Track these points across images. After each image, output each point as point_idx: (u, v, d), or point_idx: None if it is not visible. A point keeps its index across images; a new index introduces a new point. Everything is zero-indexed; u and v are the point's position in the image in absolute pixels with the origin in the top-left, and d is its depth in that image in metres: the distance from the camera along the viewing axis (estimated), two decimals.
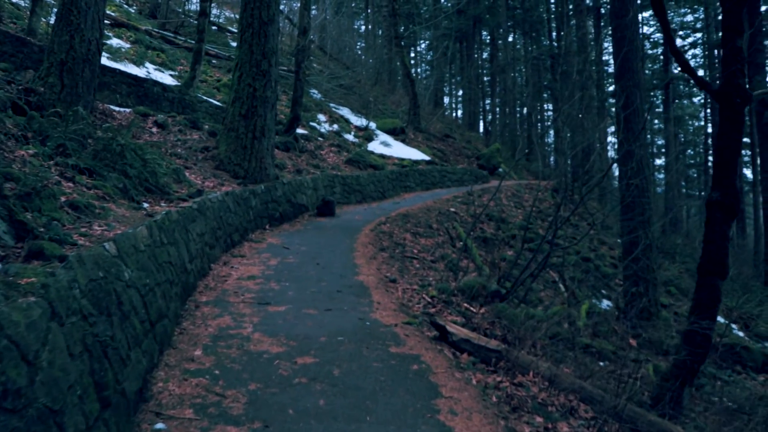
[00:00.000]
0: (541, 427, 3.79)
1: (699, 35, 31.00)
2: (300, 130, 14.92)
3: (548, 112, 41.25)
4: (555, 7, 36.21)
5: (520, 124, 37.79)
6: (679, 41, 30.26)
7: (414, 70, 39.64)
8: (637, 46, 9.90)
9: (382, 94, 27.59)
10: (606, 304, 11.49)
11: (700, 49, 31.78)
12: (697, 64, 31.09)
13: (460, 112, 44.67)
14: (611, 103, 28.77)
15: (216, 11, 23.80)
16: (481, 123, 40.55)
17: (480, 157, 24.47)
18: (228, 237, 7.54)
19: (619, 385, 4.69)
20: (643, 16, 29.97)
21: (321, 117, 18.33)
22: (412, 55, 45.04)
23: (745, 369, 9.32)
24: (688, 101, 35.16)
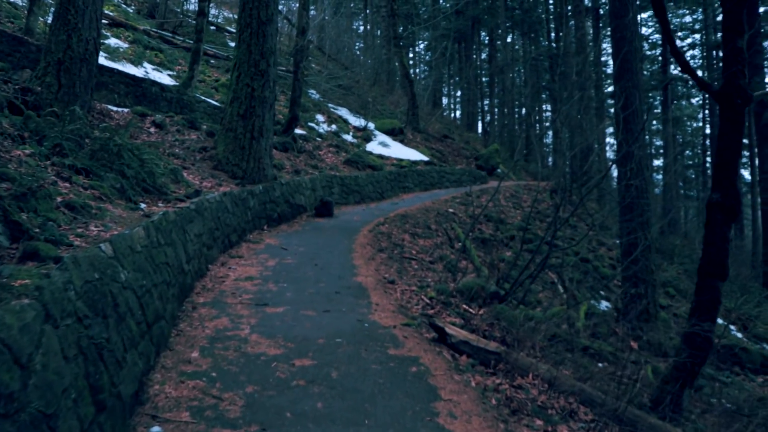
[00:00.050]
0: (541, 430, 3.77)
1: (697, 36, 31.06)
2: (298, 131, 14.88)
3: (547, 113, 41.31)
4: (554, 8, 36.26)
5: (518, 125, 37.80)
6: (678, 42, 30.28)
7: (412, 71, 39.69)
8: (636, 46, 9.89)
9: (380, 94, 27.56)
10: (605, 305, 11.47)
11: (699, 50, 31.84)
12: (695, 65, 31.13)
13: (459, 113, 44.69)
14: (610, 104, 28.83)
15: (214, 11, 23.76)
16: (480, 123, 40.63)
17: (478, 158, 24.46)
18: (226, 238, 7.50)
19: (620, 388, 4.66)
20: (641, 17, 29.99)
21: (319, 117, 18.30)
22: (411, 55, 45.06)
23: (744, 370, 9.32)
24: (686, 102, 35.20)
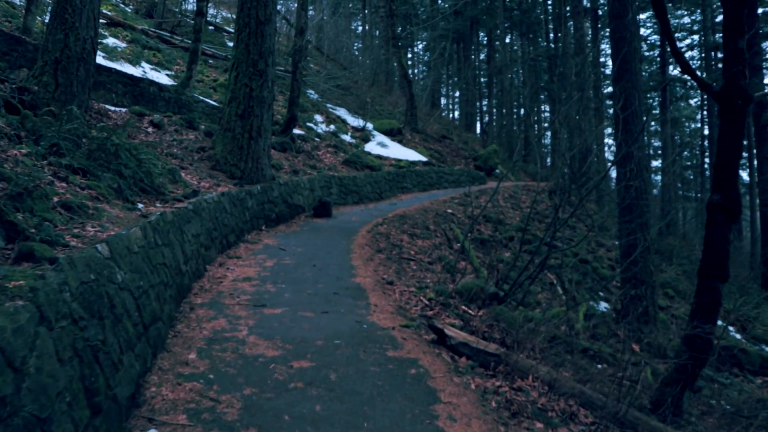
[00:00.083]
0: None
1: (696, 37, 31.09)
2: (297, 131, 14.84)
3: (545, 114, 41.36)
4: (552, 9, 36.32)
5: (517, 126, 37.80)
6: (677, 43, 30.30)
7: (411, 71, 39.66)
8: (636, 47, 9.87)
9: (379, 94, 27.54)
10: (604, 306, 11.45)
11: (697, 51, 31.87)
12: (694, 66, 31.06)
13: (457, 113, 44.73)
14: (609, 105, 28.83)
15: (213, 11, 23.71)
16: (478, 124, 40.67)
17: (477, 159, 24.44)
18: (224, 238, 7.46)
19: (620, 390, 4.63)
20: (639, 18, 29.99)
21: (318, 117, 18.26)
22: (410, 56, 45.07)
23: (743, 371, 9.31)
24: (684, 103, 35.24)
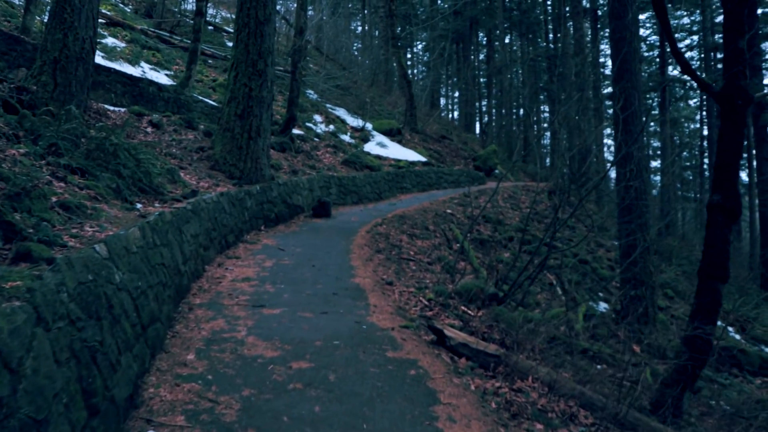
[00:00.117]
0: None
1: (696, 38, 31.10)
2: (296, 131, 14.82)
3: (545, 114, 41.35)
4: (552, 9, 36.32)
5: (516, 126, 37.81)
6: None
7: (410, 72, 39.68)
8: (636, 47, 9.87)
9: (378, 95, 27.53)
10: (603, 306, 11.44)
11: (697, 52, 31.88)
12: (693, 66, 31.11)
13: (457, 114, 44.71)
14: (608, 105, 28.83)
15: (212, 11, 23.68)
16: (478, 124, 40.66)
17: (476, 159, 24.43)
18: (223, 238, 7.44)
19: (620, 390, 4.62)
20: (639, 18, 30.00)
21: (317, 118, 18.25)
22: (409, 56, 45.07)
23: (742, 372, 9.31)
24: (684, 104, 35.25)
